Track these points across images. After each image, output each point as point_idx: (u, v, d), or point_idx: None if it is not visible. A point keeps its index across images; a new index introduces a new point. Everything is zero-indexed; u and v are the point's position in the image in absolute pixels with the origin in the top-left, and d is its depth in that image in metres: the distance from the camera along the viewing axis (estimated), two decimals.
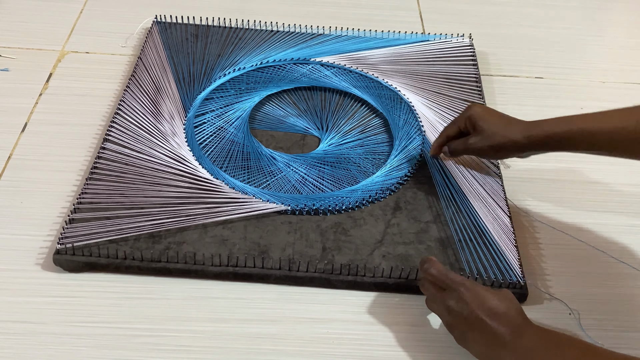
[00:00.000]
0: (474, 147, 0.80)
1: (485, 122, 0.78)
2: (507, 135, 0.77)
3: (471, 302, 0.63)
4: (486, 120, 0.78)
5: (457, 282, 0.65)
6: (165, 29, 1.08)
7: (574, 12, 1.25)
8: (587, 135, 0.73)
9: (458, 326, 0.64)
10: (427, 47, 1.08)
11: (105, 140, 0.86)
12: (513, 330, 0.61)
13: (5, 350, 0.66)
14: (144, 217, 0.77)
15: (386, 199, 0.84)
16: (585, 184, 0.90)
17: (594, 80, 1.09)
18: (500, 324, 0.61)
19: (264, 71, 1.02)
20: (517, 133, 0.76)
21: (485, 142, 0.78)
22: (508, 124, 0.78)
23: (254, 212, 0.79)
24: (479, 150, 0.80)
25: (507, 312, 0.62)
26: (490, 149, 0.79)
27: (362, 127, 0.95)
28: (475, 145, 0.79)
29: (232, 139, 0.90)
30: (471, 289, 0.64)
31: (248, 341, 0.69)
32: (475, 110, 0.80)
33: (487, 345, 0.62)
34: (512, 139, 0.76)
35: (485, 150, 0.79)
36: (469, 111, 0.80)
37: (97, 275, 0.74)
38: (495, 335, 0.61)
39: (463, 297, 0.64)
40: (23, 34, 1.06)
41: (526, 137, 0.76)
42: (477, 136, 0.79)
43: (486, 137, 0.78)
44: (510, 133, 0.77)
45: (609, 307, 0.75)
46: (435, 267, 0.68)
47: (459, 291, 0.64)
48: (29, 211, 0.80)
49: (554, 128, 0.75)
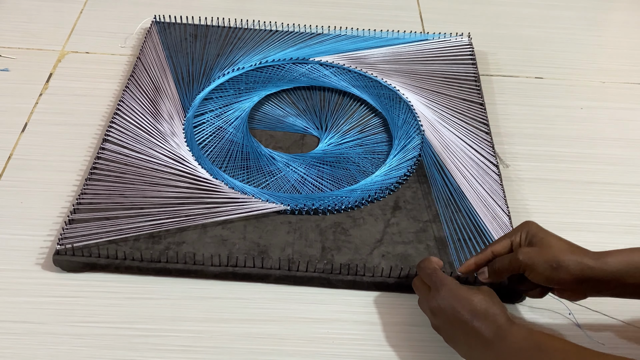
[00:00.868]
0: (524, 259, 0.65)
1: (545, 237, 0.65)
2: (572, 254, 0.64)
3: (453, 303, 0.63)
4: (545, 236, 0.66)
5: (439, 282, 0.65)
6: (164, 29, 1.08)
7: (574, 12, 1.25)
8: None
9: (443, 327, 0.65)
10: (426, 46, 1.08)
11: (104, 140, 0.86)
12: (496, 330, 0.60)
13: (5, 350, 0.66)
14: (144, 218, 0.77)
15: (385, 198, 0.84)
16: (585, 184, 0.90)
17: (594, 80, 1.09)
18: (482, 324, 0.61)
19: (263, 71, 1.02)
20: (585, 254, 0.64)
21: (541, 255, 0.64)
22: (572, 245, 0.65)
23: (254, 212, 0.79)
24: (530, 265, 0.64)
25: (489, 312, 0.61)
26: (547, 264, 0.64)
27: (362, 126, 0.95)
28: (526, 256, 0.64)
29: (231, 139, 0.90)
30: (453, 289, 0.64)
31: (248, 341, 0.69)
32: (533, 224, 0.67)
33: (470, 346, 0.62)
34: (578, 260, 0.63)
35: (538, 265, 0.64)
36: (525, 226, 0.67)
37: (97, 275, 0.74)
38: (478, 335, 0.61)
39: (445, 298, 0.63)
40: (23, 34, 1.07)
41: (599, 260, 0.63)
42: (531, 248, 0.65)
43: (543, 250, 0.64)
44: (576, 252, 0.64)
45: (608, 307, 0.75)
46: (425, 265, 0.68)
47: (441, 292, 0.64)
48: (29, 211, 0.80)
49: (633, 257, 0.63)
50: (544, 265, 0.64)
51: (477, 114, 0.96)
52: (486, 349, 0.60)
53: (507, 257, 0.66)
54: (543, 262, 0.64)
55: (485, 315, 0.61)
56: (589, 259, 0.63)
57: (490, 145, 0.91)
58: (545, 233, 0.66)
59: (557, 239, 0.66)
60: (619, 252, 0.64)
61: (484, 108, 0.97)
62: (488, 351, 0.60)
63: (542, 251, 0.64)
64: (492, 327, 0.60)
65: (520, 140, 0.96)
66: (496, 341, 0.60)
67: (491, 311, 0.61)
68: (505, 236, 0.69)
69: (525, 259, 0.64)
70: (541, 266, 0.64)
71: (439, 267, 0.68)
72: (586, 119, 1.01)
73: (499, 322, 0.61)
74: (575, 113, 1.02)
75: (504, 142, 0.95)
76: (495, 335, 0.60)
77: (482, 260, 0.69)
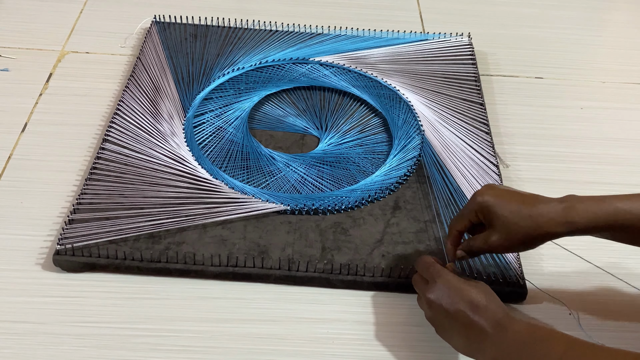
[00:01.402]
0: (498, 247, 0.65)
1: (503, 211, 0.64)
2: (538, 225, 0.63)
3: (450, 295, 0.63)
4: (503, 207, 0.65)
5: (436, 274, 0.65)
6: (164, 28, 1.08)
7: (574, 12, 1.25)
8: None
9: (439, 319, 0.64)
10: (426, 46, 1.08)
11: (104, 140, 0.86)
12: (495, 323, 0.60)
13: (5, 350, 0.66)
14: (144, 218, 0.77)
15: (385, 198, 0.84)
16: (585, 184, 0.90)
17: (594, 80, 1.09)
18: (481, 317, 0.61)
19: (263, 71, 1.02)
20: (552, 221, 0.63)
21: (511, 238, 0.64)
22: (533, 208, 0.64)
23: (254, 212, 0.79)
24: (505, 249, 0.66)
25: (487, 304, 0.61)
26: (519, 243, 0.65)
27: (362, 126, 0.95)
28: (498, 243, 0.65)
29: (231, 139, 0.90)
30: (450, 280, 0.64)
31: (248, 341, 0.69)
32: (486, 198, 0.66)
33: (468, 338, 0.62)
34: (546, 230, 0.63)
35: (512, 247, 0.65)
36: (478, 199, 0.66)
37: (96, 275, 0.74)
38: (477, 328, 0.60)
39: (442, 289, 0.63)
40: (23, 34, 1.07)
41: (567, 223, 0.63)
42: (498, 232, 0.65)
43: (510, 232, 0.64)
44: (542, 222, 0.63)
45: (609, 307, 0.75)
46: (423, 259, 0.68)
47: (438, 284, 0.64)
48: (29, 211, 0.80)
49: (596, 211, 0.63)
50: (517, 245, 0.65)
51: (477, 114, 0.96)
52: (484, 341, 0.60)
53: (481, 242, 0.66)
54: (515, 243, 0.65)
55: (485, 308, 0.61)
56: (557, 226, 0.63)
57: (491, 145, 0.91)
58: (500, 206, 0.65)
59: (515, 208, 0.64)
60: (584, 210, 0.63)
61: (484, 108, 0.97)
62: (487, 344, 0.60)
63: (510, 235, 0.64)
64: (491, 320, 0.60)
65: (521, 140, 0.96)
66: (496, 333, 0.59)
67: (491, 304, 0.61)
68: (461, 216, 0.68)
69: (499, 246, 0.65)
70: (515, 247, 0.66)
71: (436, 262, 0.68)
72: (586, 119, 1.01)
73: (498, 315, 0.61)
74: (575, 113, 1.02)
75: (504, 142, 0.95)
76: (494, 327, 0.60)
77: (455, 242, 0.69)
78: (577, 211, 0.63)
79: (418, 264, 0.69)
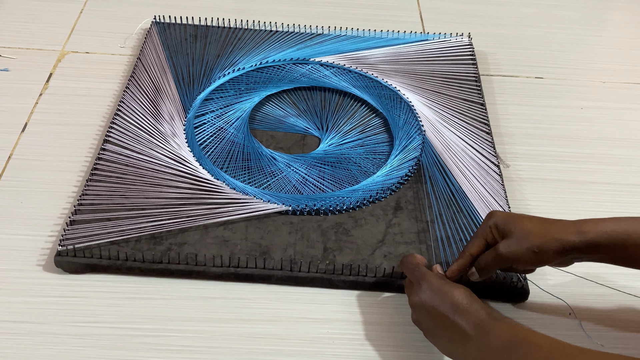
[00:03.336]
0: (507, 253, 0.65)
1: (517, 224, 0.65)
2: (550, 234, 0.64)
3: (434, 297, 0.63)
4: (516, 222, 0.65)
5: (420, 277, 0.65)
6: (164, 29, 1.07)
7: (574, 12, 1.25)
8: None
9: (423, 320, 0.64)
10: (427, 46, 1.08)
11: (105, 141, 0.86)
12: (477, 325, 0.60)
13: (5, 350, 0.66)
14: (145, 218, 0.77)
15: (387, 198, 0.84)
16: (585, 184, 0.90)
17: (594, 80, 1.09)
18: (462, 319, 0.60)
19: (264, 71, 1.02)
20: (564, 231, 0.64)
21: (521, 244, 0.64)
22: (545, 223, 0.65)
23: (255, 212, 0.79)
24: (514, 257, 0.65)
25: (469, 307, 0.61)
26: (529, 251, 0.64)
27: (362, 127, 0.95)
28: (508, 250, 0.64)
29: (232, 140, 0.90)
30: (433, 283, 0.64)
31: (249, 341, 0.69)
32: (500, 214, 0.67)
33: (451, 341, 0.62)
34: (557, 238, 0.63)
35: (521, 255, 0.64)
36: (492, 216, 0.67)
37: (98, 276, 0.74)
38: (459, 330, 0.60)
39: (425, 291, 0.63)
40: (23, 34, 1.06)
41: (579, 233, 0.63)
42: (508, 239, 0.65)
43: (521, 238, 0.64)
44: (553, 231, 0.64)
45: (609, 307, 0.75)
46: (409, 260, 0.68)
47: (422, 286, 0.64)
48: (29, 211, 0.80)
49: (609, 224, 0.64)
50: (527, 253, 0.64)
51: (477, 114, 0.96)
52: (468, 344, 0.60)
53: (490, 255, 0.66)
54: (525, 251, 0.64)
55: (467, 310, 0.61)
56: (569, 235, 0.64)
57: (491, 145, 0.91)
58: (514, 219, 0.66)
59: (528, 221, 0.65)
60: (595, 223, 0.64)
61: (485, 108, 0.97)
62: (470, 346, 0.60)
63: (520, 240, 0.64)
64: (473, 322, 0.60)
65: (521, 140, 0.96)
66: (478, 336, 0.59)
67: (473, 306, 0.61)
68: (476, 235, 0.68)
69: (508, 253, 0.65)
70: (524, 255, 0.64)
71: (422, 264, 0.68)
72: (586, 119, 1.01)
73: (480, 317, 0.60)
74: (575, 113, 1.02)
75: (504, 142, 0.95)
76: (477, 330, 0.60)
77: (463, 265, 0.68)
78: (589, 223, 0.64)
79: (403, 264, 0.69)
